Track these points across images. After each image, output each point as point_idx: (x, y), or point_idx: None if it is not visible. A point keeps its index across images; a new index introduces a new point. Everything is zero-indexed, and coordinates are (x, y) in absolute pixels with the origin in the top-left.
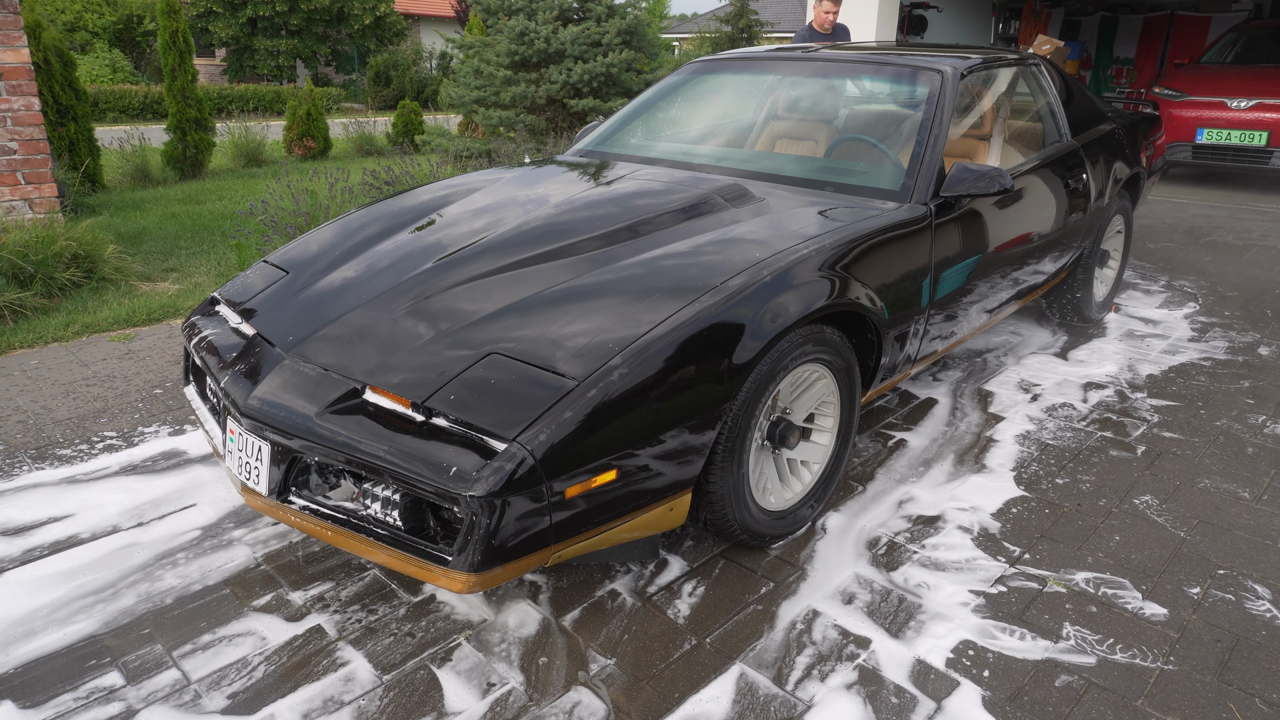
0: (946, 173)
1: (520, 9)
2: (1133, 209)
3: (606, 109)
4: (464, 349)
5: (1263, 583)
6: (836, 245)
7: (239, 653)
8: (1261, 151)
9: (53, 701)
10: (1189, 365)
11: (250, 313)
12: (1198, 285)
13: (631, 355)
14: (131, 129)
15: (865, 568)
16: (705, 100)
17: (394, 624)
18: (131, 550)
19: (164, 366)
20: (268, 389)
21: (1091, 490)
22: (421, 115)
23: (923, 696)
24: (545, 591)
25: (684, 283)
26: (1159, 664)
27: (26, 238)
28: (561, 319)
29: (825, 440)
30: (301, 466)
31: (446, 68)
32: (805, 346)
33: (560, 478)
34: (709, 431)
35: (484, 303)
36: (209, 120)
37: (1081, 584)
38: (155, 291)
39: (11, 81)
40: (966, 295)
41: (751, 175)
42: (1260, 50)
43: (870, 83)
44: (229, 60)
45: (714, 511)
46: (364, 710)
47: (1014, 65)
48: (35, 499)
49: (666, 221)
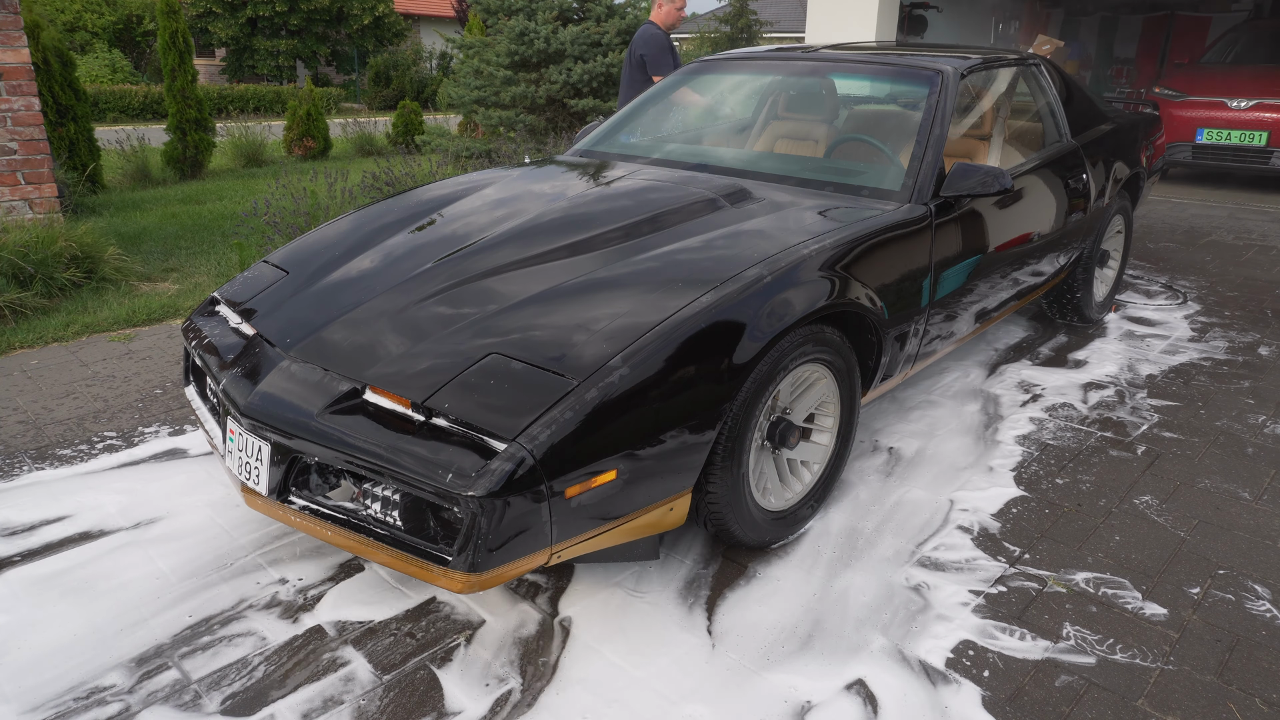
0: (946, 173)
1: (520, 9)
2: (1133, 209)
3: (606, 109)
4: (464, 348)
5: (1263, 583)
6: (837, 245)
7: (239, 653)
8: (1261, 151)
9: (53, 701)
10: (1189, 365)
11: (250, 313)
12: (1198, 285)
13: (631, 355)
14: (131, 129)
15: (865, 568)
16: (705, 100)
17: (394, 624)
18: (131, 550)
19: (164, 366)
20: (268, 389)
21: (1091, 490)
22: (421, 115)
23: (923, 696)
24: (545, 591)
25: (683, 283)
26: (1159, 664)
27: (26, 238)
28: (560, 319)
29: (825, 440)
30: (301, 466)
31: (446, 68)
32: (805, 346)
33: (560, 478)
34: (709, 431)
35: (483, 303)
36: (209, 120)
37: (1081, 584)
38: (155, 292)
39: (11, 81)
40: (966, 295)
41: (751, 175)
42: (1260, 50)
43: (870, 83)
44: (229, 60)
45: (714, 511)
46: (364, 710)
47: (1014, 65)
48: (35, 499)
49: (666, 222)
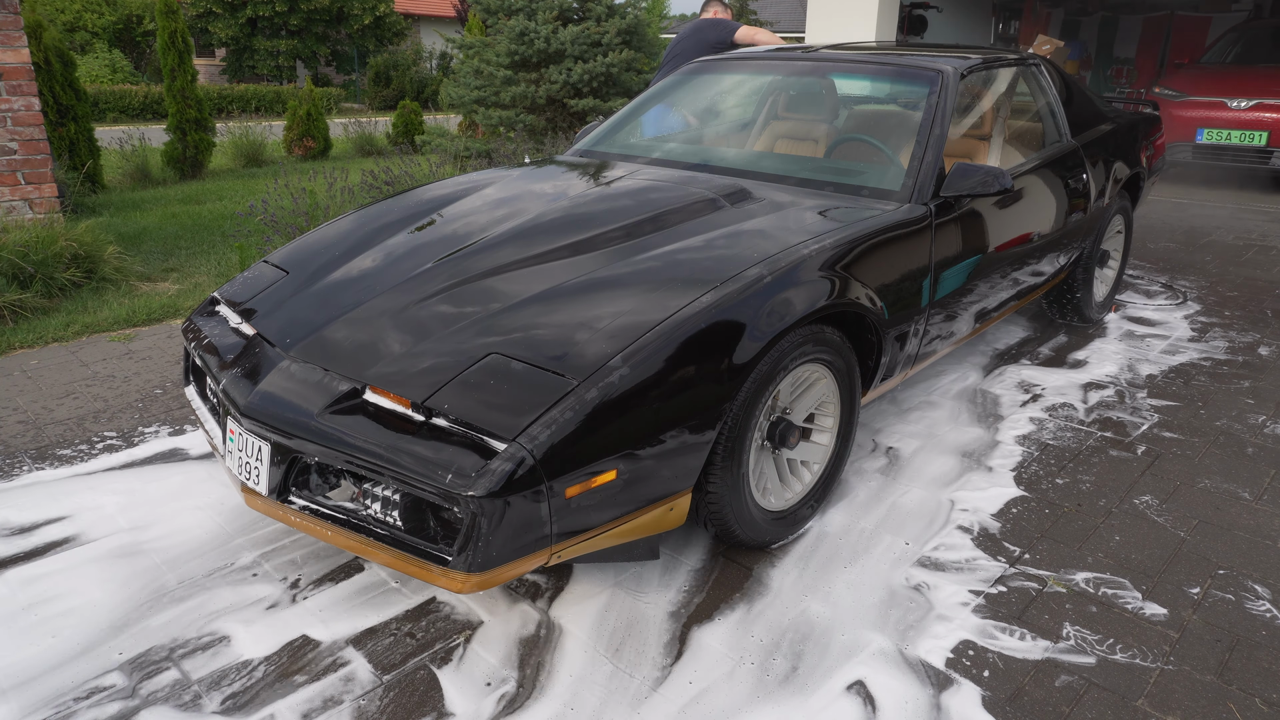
0: (946, 173)
1: (520, 9)
2: (1133, 209)
3: (606, 109)
4: (464, 348)
5: (1263, 583)
6: (837, 245)
7: (239, 652)
8: (1261, 151)
9: (52, 701)
10: (1189, 365)
11: (250, 313)
12: (1198, 285)
13: (631, 355)
14: (131, 129)
15: (865, 568)
16: (705, 100)
17: (394, 624)
18: (131, 550)
19: (164, 366)
20: (268, 389)
21: (1091, 490)
22: (421, 115)
23: (922, 697)
24: (545, 591)
25: (684, 283)
26: (1159, 664)
27: (27, 238)
28: (560, 319)
29: (825, 440)
30: (301, 466)
31: (446, 68)
32: (805, 346)
33: (560, 478)
34: (709, 431)
35: (483, 302)
36: (209, 120)
37: (1081, 584)
38: (155, 292)
39: (11, 81)
40: (966, 295)
41: (751, 175)
42: (1260, 50)
43: (870, 83)
44: (229, 60)
45: (714, 512)
46: (364, 710)
47: (1014, 65)
48: (35, 499)
49: (666, 222)
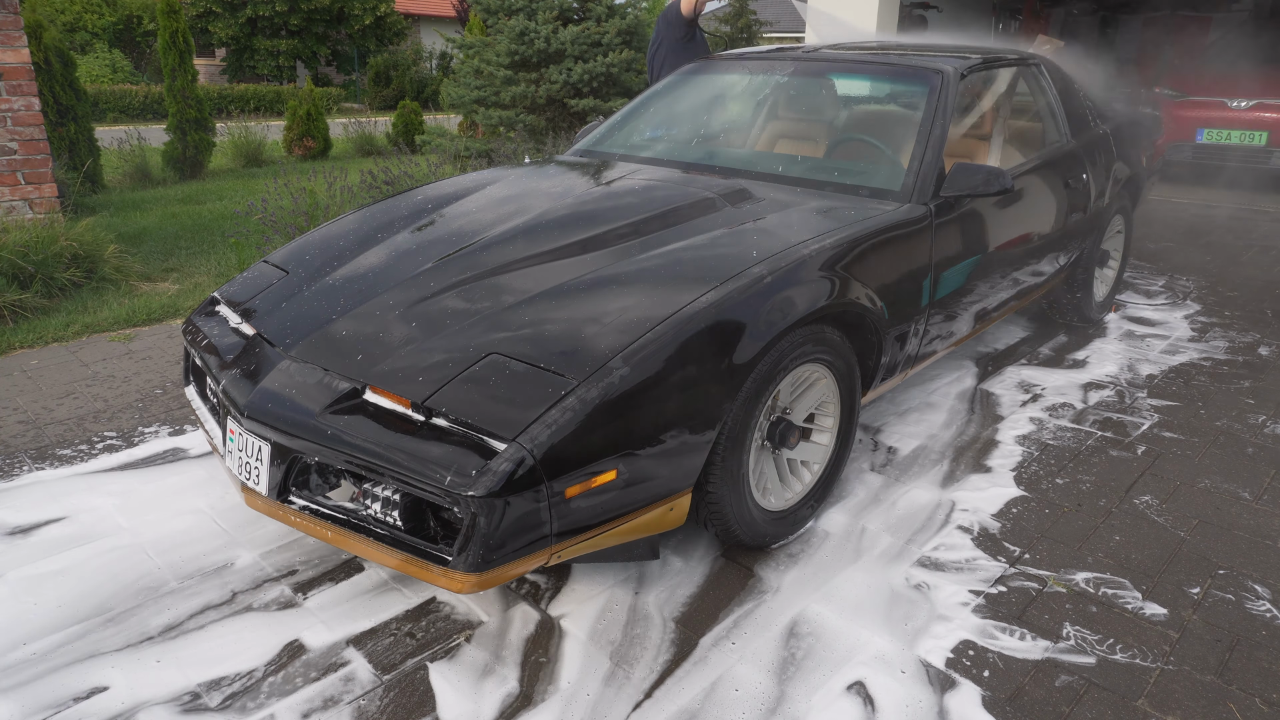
0: (946, 172)
1: (520, 9)
2: (1133, 209)
3: (606, 109)
4: (464, 348)
5: (1263, 583)
6: (836, 245)
7: (238, 652)
8: (1261, 151)
9: (52, 701)
10: (1189, 365)
11: (250, 312)
12: (1198, 285)
13: (632, 355)
14: (131, 129)
15: (865, 568)
16: (705, 100)
17: (394, 624)
18: (130, 550)
19: (164, 366)
20: (268, 388)
21: (1091, 490)
22: (421, 115)
23: (923, 697)
24: (545, 592)
25: (684, 283)
26: (1159, 664)
27: (27, 238)
28: (560, 318)
29: (825, 440)
30: (301, 466)
31: (446, 68)
32: (805, 346)
33: (560, 478)
34: (709, 431)
35: (483, 301)
36: (209, 120)
37: (1081, 584)
38: (155, 291)
39: (12, 81)
40: (966, 295)
41: (751, 175)
42: (1260, 50)
43: (870, 82)
44: (229, 60)
45: (714, 511)
46: (364, 710)
47: (1014, 65)
48: (35, 499)
49: (666, 221)
